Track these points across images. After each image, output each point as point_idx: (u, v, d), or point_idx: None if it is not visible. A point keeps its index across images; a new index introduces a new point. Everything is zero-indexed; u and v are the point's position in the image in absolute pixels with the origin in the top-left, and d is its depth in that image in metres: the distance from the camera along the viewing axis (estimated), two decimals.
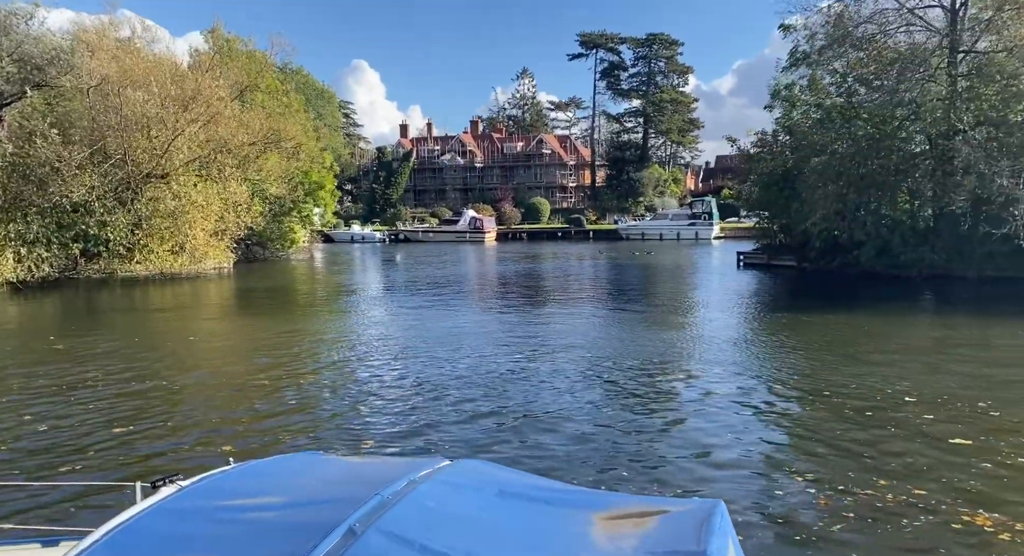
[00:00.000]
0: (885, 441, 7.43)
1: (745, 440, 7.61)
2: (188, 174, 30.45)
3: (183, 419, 8.60)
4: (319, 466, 3.12)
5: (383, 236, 72.84)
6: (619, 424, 8.23)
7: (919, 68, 24.27)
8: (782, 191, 30.28)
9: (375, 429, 8.08)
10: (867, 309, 18.90)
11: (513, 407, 8.97)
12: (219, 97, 29.97)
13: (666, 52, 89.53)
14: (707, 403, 9.10)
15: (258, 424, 8.37)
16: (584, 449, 7.35)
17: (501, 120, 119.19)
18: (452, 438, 7.74)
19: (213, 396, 9.83)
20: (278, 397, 9.65)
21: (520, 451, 7.26)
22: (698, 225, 66.98)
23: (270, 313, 19.84)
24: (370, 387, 10.16)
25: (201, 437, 7.85)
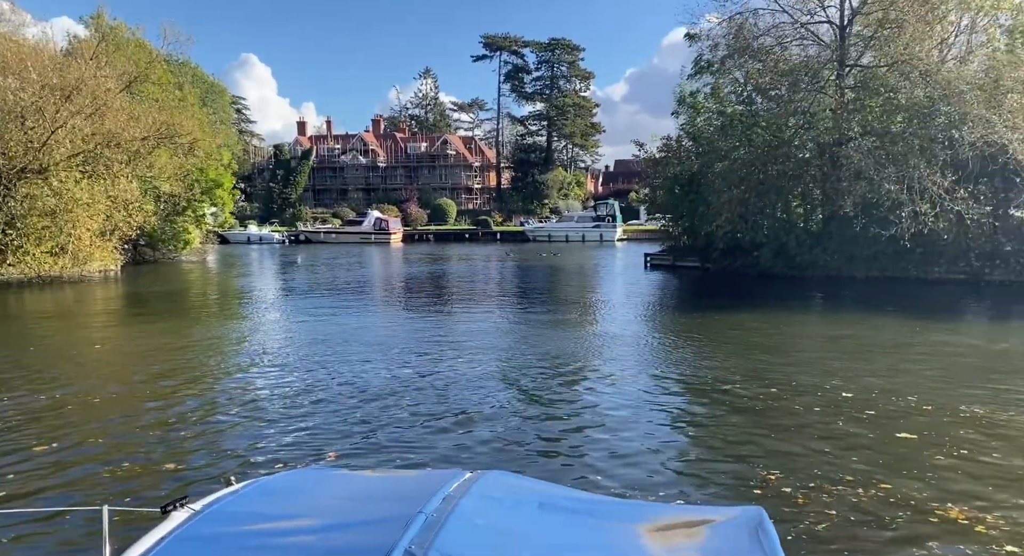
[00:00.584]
0: (803, 428, 7.74)
1: (651, 433, 7.83)
2: (70, 170, 28.04)
3: (96, 435, 7.79)
4: (334, 483, 3.02)
5: (283, 237, 70.25)
6: (530, 422, 8.23)
7: (811, 80, 25.85)
8: (687, 195, 31.45)
9: (282, 439, 7.60)
10: (765, 307, 19.94)
11: (423, 411, 8.70)
12: (106, 88, 27.75)
13: (568, 57, 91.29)
14: (622, 405, 9.13)
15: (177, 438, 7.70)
16: (499, 451, 7.24)
17: (403, 120, 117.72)
18: (354, 445, 7.40)
19: (128, 408, 8.99)
20: (188, 409, 8.92)
21: (438, 454, 7.08)
22: (602, 227, 68.65)
23: (163, 319, 18.35)
24: (272, 397, 9.46)
25: (133, 453, 7.12)
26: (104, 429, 8.06)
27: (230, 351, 13.25)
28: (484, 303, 21.57)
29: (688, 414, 8.98)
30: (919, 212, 21.36)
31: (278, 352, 12.88)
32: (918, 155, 22.08)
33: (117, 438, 7.73)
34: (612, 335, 14.61)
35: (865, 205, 23.50)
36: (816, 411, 8.65)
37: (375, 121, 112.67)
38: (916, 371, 10.92)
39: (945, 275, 23.20)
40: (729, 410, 8.79)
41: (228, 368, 11.62)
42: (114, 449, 7.29)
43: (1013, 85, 20.72)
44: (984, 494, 5.97)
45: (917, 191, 21.56)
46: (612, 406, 8.98)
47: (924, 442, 7.37)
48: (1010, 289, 21.65)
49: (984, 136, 20.49)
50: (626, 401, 9.25)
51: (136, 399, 9.56)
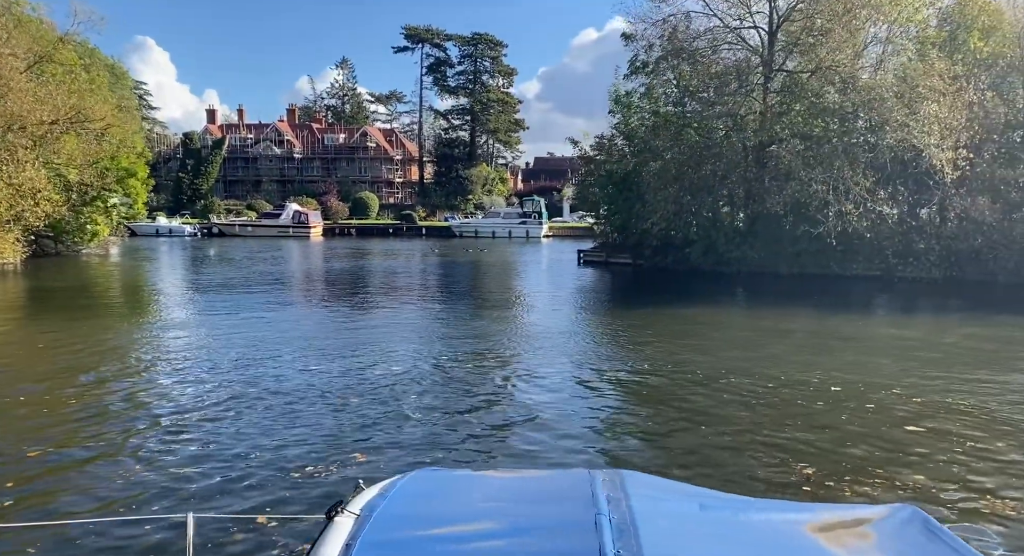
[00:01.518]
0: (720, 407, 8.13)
1: (581, 415, 8.18)
2: None
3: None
4: (474, 484, 2.98)
5: (194, 230, 67.06)
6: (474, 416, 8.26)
7: (740, 83, 26.90)
8: (621, 192, 32.09)
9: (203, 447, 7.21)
10: (694, 301, 20.78)
11: (350, 410, 8.53)
12: (12, 67, 25.51)
13: (491, 52, 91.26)
14: (563, 393, 9.38)
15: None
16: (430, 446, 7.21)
17: (318, 110, 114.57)
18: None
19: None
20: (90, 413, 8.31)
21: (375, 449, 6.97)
22: (529, 224, 69.10)
23: (72, 318, 16.94)
24: (190, 402, 8.86)
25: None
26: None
27: (142, 354, 12.10)
28: (420, 300, 21.18)
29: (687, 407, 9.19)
30: (844, 212, 22.64)
31: (201, 358, 11.80)
32: (842, 158, 23.39)
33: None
34: (554, 330, 14.72)
35: (794, 204, 24.69)
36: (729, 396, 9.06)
37: (290, 110, 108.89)
38: (834, 356, 11.76)
39: (862, 272, 24.74)
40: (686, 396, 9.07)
41: (140, 373, 10.69)
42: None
43: (928, 93, 22.27)
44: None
45: (842, 192, 22.85)
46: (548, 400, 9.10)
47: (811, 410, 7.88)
48: (920, 285, 23.35)
49: (902, 141, 21.92)
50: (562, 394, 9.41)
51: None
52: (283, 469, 6.35)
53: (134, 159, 37.59)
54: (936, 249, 23.65)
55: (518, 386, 9.80)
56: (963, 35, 24.62)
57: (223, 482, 6.03)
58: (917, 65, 23.16)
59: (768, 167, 26.36)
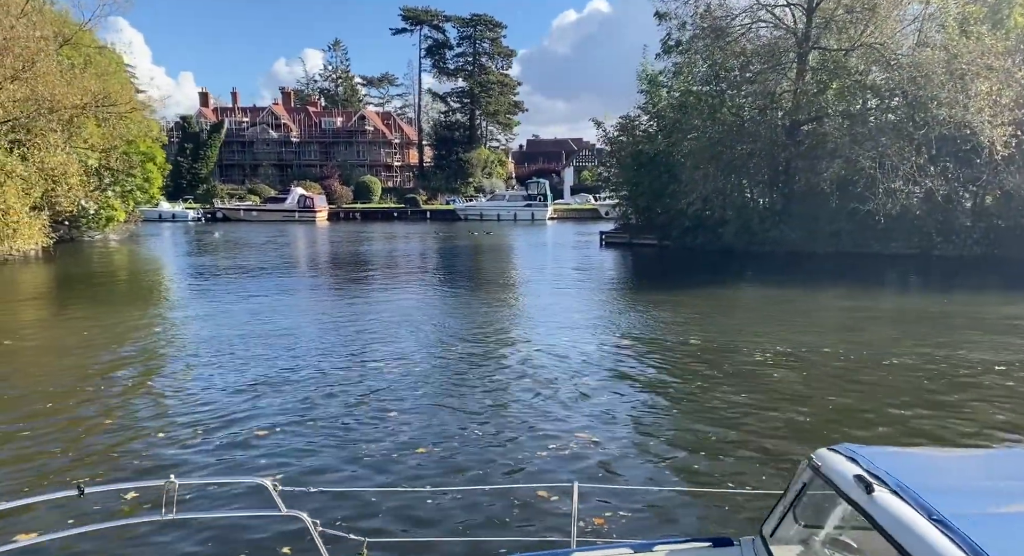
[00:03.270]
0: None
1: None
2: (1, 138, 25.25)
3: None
4: (938, 463, 2.90)
5: (198, 214, 66.41)
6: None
7: (775, 62, 26.85)
8: (649, 172, 32.09)
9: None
10: (739, 282, 20.77)
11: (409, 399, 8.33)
12: (44, 51, 24.94)
13: (490, 34, 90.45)
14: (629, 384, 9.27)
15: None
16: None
17: (311, 93, 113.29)
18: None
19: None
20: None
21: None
22: (534, 206, 68.98)
23: (97, 308, 16.23)
24: (235, 388, 8.63)
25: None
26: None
27: (189, 343, 11.59)
28: (457, 284, 20.84)
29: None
30: (893, 189, 22.77)
31: (248, 341, 11.48)
32: (890, 135, 23.46)
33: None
34: (618, 309, 14.72)
35: (840, 182, 24.79)
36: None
37: (285, 93, 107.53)
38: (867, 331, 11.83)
39: (902, 250, 24.94)
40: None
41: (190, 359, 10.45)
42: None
43: (978, 70, 22.36)
44: None
45: (889, 169, 22.96)
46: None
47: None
48: (961, 262, 23.53)
49: (951, 118, 22.02)
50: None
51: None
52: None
53: (150, 143, 37.08)
54: (981, 227, 23.90)
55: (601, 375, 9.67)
56: (1005, 10, 24.70)
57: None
58: (964, 41, 23.24)
59: (805, 145, 26.43)
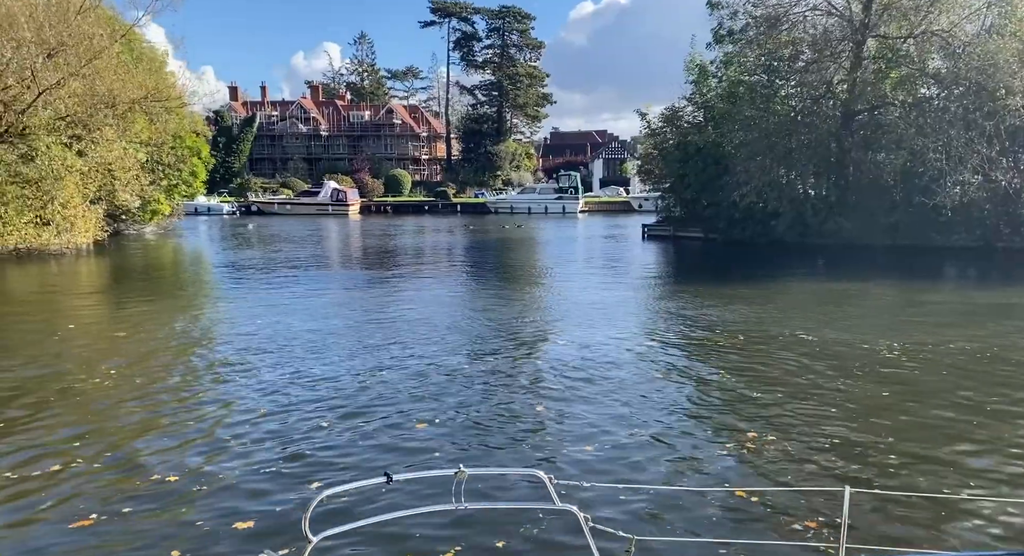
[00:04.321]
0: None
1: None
2: (57, 133, 25.61)
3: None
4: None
5: (232, 208, 67.13)
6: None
7: (831, 50, 26.40)
8: (696, 164, 31.80)
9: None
10: (814, 273, 20.48)
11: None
12: (104, 47, 25.25)
13: (519, 25, 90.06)
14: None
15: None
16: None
17: (337, 86, 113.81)
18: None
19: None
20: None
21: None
22: (565, 199, 68.76)
23: (159, 301, 16.49)
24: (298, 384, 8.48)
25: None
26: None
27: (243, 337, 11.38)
28: (512, 278, 20.59)
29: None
30: (962, 181, 22.34)
31: (301, 336, 11.25)
32: (959, 125, 23.00)
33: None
34: (678, 303, 14.55)
35: (905, 174, 24.37)
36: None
37: (313, 87, 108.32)
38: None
39: (966, 242, 24.43)
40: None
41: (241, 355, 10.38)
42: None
43: None
44: None
45: (956, 160, 22.52)
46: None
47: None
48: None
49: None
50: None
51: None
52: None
53: (197, 139, 37.47)
54: None
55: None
56: None
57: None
58: None
59: (860, 136, 26.00)
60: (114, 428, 7.04)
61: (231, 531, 4.76)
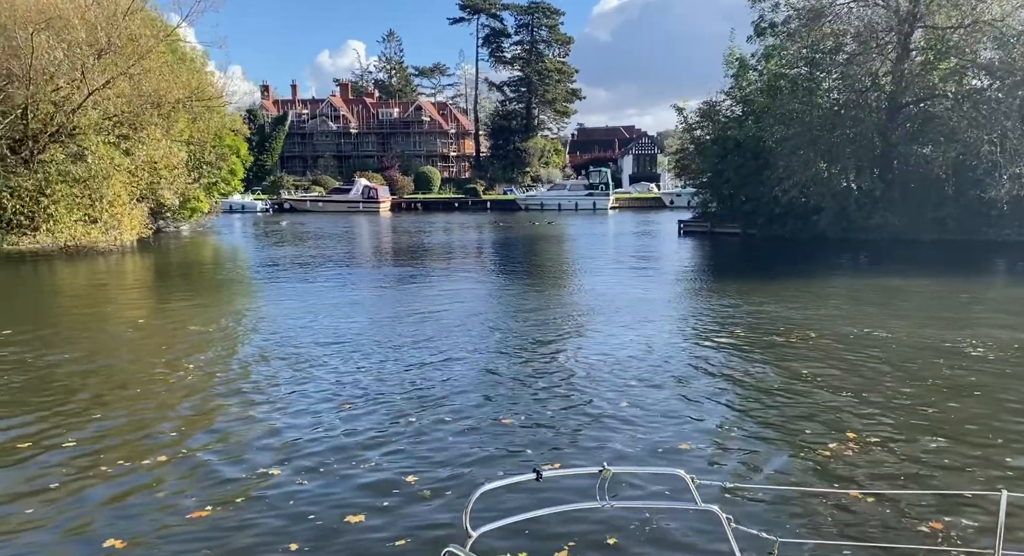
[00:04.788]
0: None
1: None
2: (106, 133, 26.12)
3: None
4: None
5: (265, 205, 67.96)
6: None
7: (877, 41, 25.87)
8: (735, 159, 31.46)
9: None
10: (859, 271, 20.05)
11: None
12: (152, 47, 25.70)
13: (548, 21, 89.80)
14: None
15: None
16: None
17: (365, 84, 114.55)
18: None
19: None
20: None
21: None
22: (595, 196, 68.39)
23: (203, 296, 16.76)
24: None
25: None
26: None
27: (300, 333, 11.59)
28: (555, 276, 20.44)
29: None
30: (1019, 174, 21.82)
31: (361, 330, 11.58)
32: (1015, 117, 22.45)
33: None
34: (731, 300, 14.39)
35: (957, 167, 23.86)
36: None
37: (342, 85, 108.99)
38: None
39: (1018, 237, 23.85)
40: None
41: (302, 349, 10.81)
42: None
43: None
44: None
45: (1010, 153, 22.00)
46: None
47: None
48: None
49: None
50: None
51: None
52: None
53: (236, 138, 37.96)
54: None
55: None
56: None
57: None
58: None
59: (907, 128, 25.48)
60: (206, 420, 7.16)
61: (345, 525, 4.82)
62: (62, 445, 6.36)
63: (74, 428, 6.83)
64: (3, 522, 4.96)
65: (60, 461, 6.01)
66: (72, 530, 4.85)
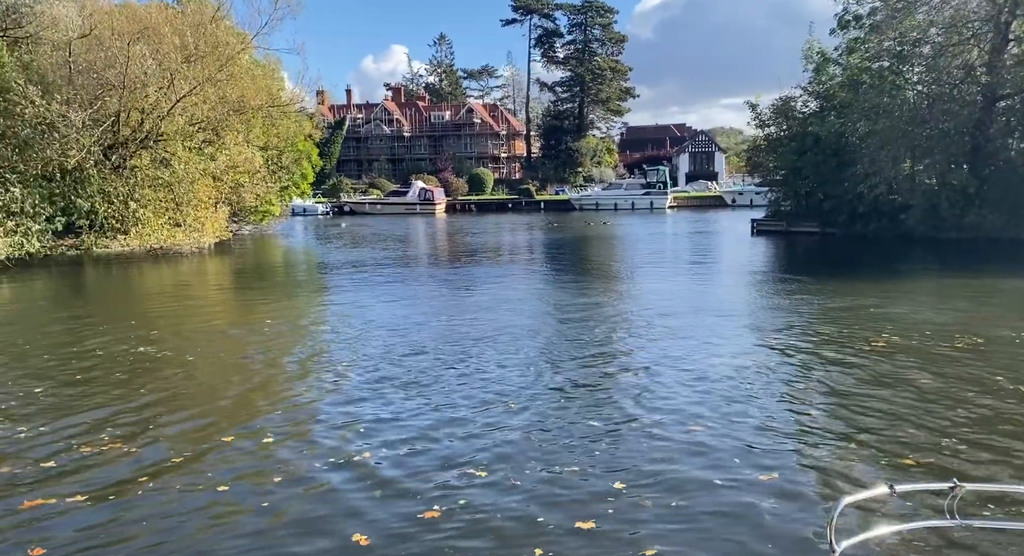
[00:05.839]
0: None
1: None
2: (190, 138, 26.82)
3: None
4: None
5: (326, 208, 69.19)
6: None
7: (976, 30, 24.79)
8: (815, 156, 30.62)
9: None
10: (979, 271, 19.00)
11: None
12: (234, 53, 26.31)
13: (601, 19, 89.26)
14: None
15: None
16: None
17: (415, 88, 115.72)
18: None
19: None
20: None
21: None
22: (653, 194, 67.59)
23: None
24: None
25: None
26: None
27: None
28: (638, 276, 19.89)
29: None
30: None
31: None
32: None
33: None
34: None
35: None
36: None
37: (395, 89, 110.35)
38: None
39: None
40: None
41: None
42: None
43: None
44: None
45: None
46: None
47: None
48: None
49: None
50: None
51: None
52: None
53: (307, 143, 38.60)
54: None
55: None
56: None
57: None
58: None
59: (1005, 122, 24.34)
60: (335, 423, 7.11)
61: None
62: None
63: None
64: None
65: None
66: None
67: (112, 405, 7.70)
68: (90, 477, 5.67)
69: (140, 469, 5.83)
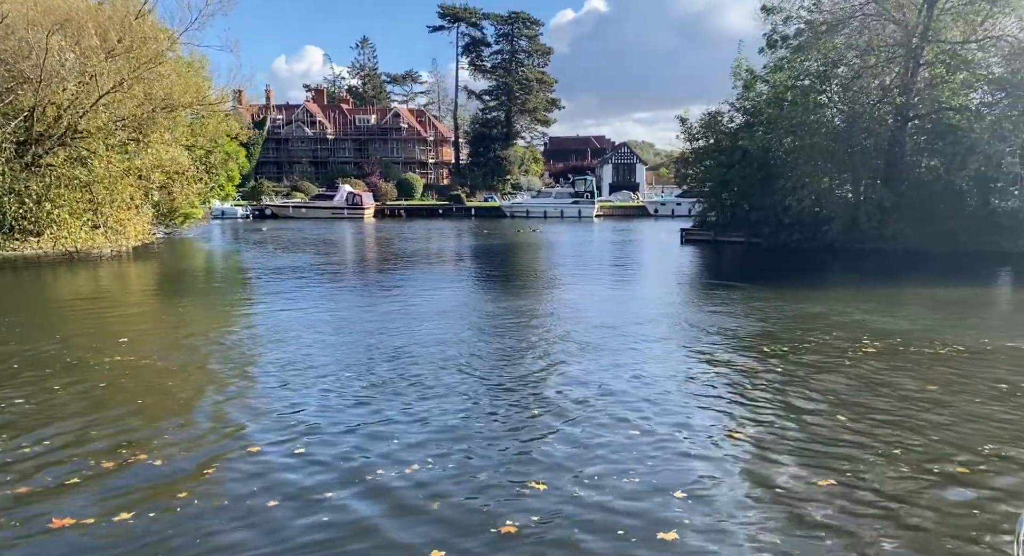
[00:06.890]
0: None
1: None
2: (115, 136, 25.32)
3: None
4: None
5: (246, 211, 66.61)
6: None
7: (889, 55, 26.47)
8: (742, 169, 31.88)
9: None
10: (902, 281, 20.31)
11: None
12: (161, 49, 24.99)
13: (528, 31, 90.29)
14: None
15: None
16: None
17: (337, 89, 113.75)
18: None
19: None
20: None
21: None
22: (581, 203, 68.75)
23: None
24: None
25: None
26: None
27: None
28: (582, 284, 19.86)
29: None
30: None
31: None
32: None
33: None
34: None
35: (979, 179, 24.48)
36: None
37: (317, 91, 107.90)
38: None
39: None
40: None
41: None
42: None
43: None
44: None
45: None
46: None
47: None
48: None
49: None
50: None
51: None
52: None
53: (233, 144, 37.13)
54: None
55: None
56: None
57: None
58: None
59: (918, 140, 26.09)
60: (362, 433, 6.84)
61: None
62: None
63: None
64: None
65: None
66: None
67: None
68: None
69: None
